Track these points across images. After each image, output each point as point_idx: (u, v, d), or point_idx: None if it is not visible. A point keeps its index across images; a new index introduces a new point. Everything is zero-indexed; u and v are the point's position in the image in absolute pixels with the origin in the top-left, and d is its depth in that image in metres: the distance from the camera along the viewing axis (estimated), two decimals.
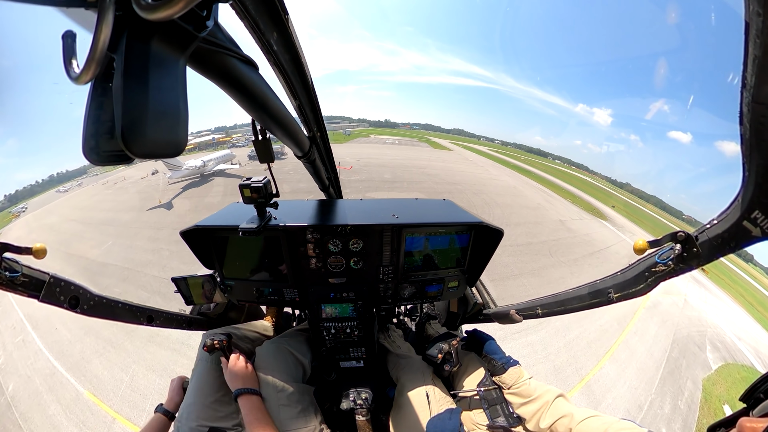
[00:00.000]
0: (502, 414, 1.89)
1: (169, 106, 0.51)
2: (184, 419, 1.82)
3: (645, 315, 15.79)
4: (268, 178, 1.74)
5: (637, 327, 14.63)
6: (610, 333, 13.71)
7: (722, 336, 16.40)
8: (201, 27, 0.53)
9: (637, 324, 14.85)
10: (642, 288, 1.33)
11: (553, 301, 1.87)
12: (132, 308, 1.88)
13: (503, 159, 79.22)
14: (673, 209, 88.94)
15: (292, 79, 1.28)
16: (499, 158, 79.04)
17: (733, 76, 8.83)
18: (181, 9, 0.38)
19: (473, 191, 35.22)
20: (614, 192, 71.48)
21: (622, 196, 69.79)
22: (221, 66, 0.79)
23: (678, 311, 17.36)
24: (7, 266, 1.16)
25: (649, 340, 13.89)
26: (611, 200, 55.15)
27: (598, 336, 13.31)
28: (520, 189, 42.91)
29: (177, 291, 2.36)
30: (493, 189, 38.88)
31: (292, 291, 2.36)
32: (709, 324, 17.22)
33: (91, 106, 0.53)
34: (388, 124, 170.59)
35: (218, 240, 2.24)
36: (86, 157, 0.55)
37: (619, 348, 12.91)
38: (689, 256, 1.13)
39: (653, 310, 16.40)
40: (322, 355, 2.44)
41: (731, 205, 0.98)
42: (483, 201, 31.35)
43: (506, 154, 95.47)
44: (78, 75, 0.46)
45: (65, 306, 1.43)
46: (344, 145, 72.37)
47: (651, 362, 12.50)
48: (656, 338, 14.14)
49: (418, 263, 2.37)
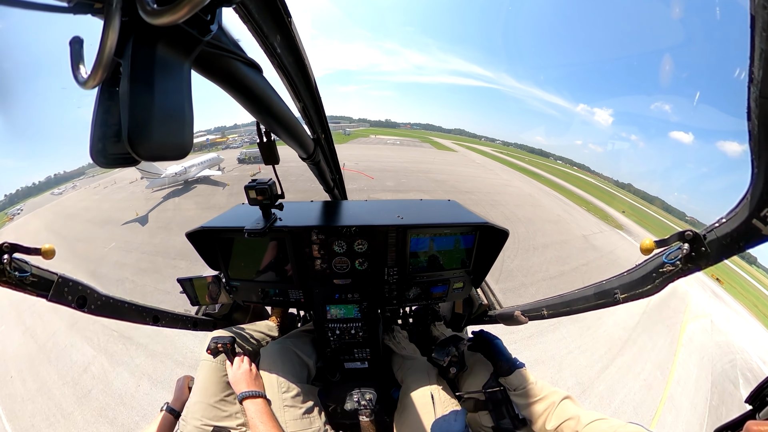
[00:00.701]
0: (508, 416, 1.87)
1: (175, 109, 0.52)
2: (188, 418, 1.84)
3: (684, 354, 15.18)
4: (273, 180, 1.75)
5: (680, 374, 13.84)
6: (654, 387, 12.74)
7: (749, 362, 16.65)
8: (205, 31, 0.54)
9: (679, 370, 14.08)
10: (649, 289, 1.31)
11: (559, 302, 1.86)
12: (138, 308, 1.91)
13: (509, 161, 76.95)
14: (676, 210, 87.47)
15: (295, 82, 1.28)
16: (505, 160, 76.83)
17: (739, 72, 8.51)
18: (186, 14, 0.39)
19: (490, 202, 32.80)
20: (617, 193, 70.03)
21: (626, 197, 68.45)
22: (226, 69, 0.80)
23: (708, 338, 17.21)
24: (16, 266, 1.18)
25: (691, 389, 13.21)
26: (620, 204, 54.07)
27: (642, 396, 12.16)
28: (536, 198, 40.32)
29: (182, 292, 2.38)
30: (510, 199, 36.21)
31: (297, 292, 2.37)
32: (737, 349, 17.42)
33: (99, 110, 0.54)
34: (389, 123, 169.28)
35: (223, 241, 2.25)
36: (93, 159, 0.56)
37: (665, 407, 11.95)
38: (697, 256, 1.11)
39: (690, 346, 15.95)
40: (327, 356, 2.44)
41: (740, 203, 0.96)
42: (503, 215, 29.00)
43: (510, 155, 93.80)
44: (86, 80, 0.47)
45: (73, 305, 1.45)
46: (343, 145, 68.76)
47: (695, 418, 11.85)
48: (697, 384, 13.56)
49: (423, 264, 2.37)
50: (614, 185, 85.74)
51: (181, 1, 0.38)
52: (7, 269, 1.15)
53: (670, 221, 58.48)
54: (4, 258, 1.13)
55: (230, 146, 70.38)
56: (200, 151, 60.95)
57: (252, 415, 1.70)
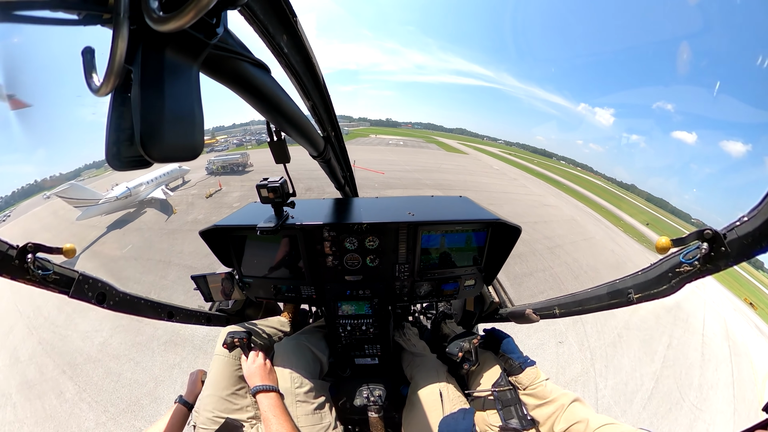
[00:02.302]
0: (516, 416, 1.86)
1: (185, 111, 0.53)
2: (201, 410, 1.89)
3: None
4: (284, 178, 1.77)
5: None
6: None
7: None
8: (211, 34, 0.55)
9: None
10: (665, 289, 1.26)
11: (571, 301, 1.82)
12: (154, 305, 1.97)
13: (524, 165, 71.31)
14: (682, 212, 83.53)
15: (304, 80, 1.29)
16: (521, 164, 70.89)
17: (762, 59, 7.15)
18: (191, 19, 0.40)
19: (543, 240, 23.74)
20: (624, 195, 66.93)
21: (634, 200, 65.53)
22: (233, 71, 0.81)
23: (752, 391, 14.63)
24: (39, 265, 1.24)
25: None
26: (642, 214, 50.68)
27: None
28: (580, 222, 32.47)
29: (196, 288, 2.44)
30: (559, 229, 28.04)
31: (309, 288, 2.40)
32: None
33: (113, 116, 0.56)
34: (390, 123, 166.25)
35: (236, 239, 2.30)
36: (109, 163, 0.58)
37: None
38: (717, 256, 1.06)
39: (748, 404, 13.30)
40: (338, 352, 2.47)
41: (763, 201, 0.90)
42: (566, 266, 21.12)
43: (518, 156, 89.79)
44: (98, 88, 0.49)
45: (93, 302, 1.50)
46: None
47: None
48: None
49: (435, 261, 2.36)
50: (618, 186, 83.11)
51: (186, 6, 0.39)
52: (31, 268, 1.20)
53: (680, 225, 54.93)
54: (29, 257, 1.18)
55: (215, 149, 63.40)
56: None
57: (265, 408, 1.73)
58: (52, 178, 79.24)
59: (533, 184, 49.01)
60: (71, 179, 50.28)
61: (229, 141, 73.58)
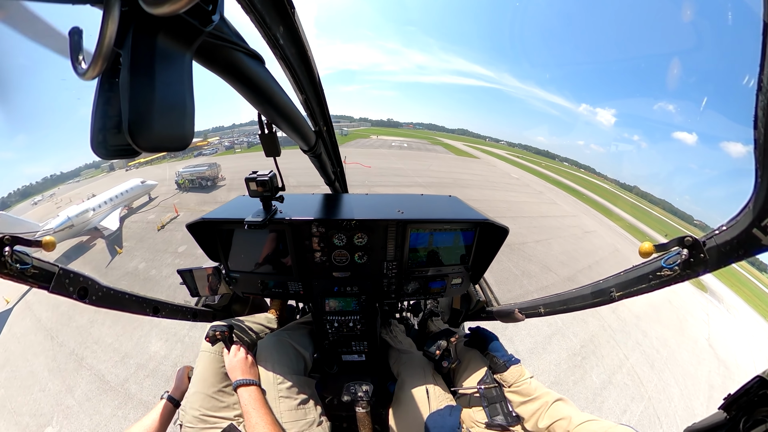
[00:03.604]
0: (501, 412, 1.89)
1: (176, 100, 0.51)
2: (187, 408, 1.85)
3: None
4: (273, 172, 1.74)
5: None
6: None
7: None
8: (207, 21, 0.54)
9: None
10: (644, 288, 1.32)
11: (556, 301, 1.86)
12: (139, 300, 1.91)
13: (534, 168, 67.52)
14: (685, 214, 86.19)
15: (298, 73, 1.27)
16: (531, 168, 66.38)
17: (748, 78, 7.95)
18: (187, 3, 0.38)
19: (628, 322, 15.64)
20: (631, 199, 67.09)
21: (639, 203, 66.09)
22: (227, 60, 0.79)
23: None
24: (18, 258, 1.18)
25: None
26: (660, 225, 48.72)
27: None
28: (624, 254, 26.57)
29: (182, 283, 2.39)
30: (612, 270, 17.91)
31: (296, 284, 2.38)
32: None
33: (99, 102, 0.54)
34: (391, 123, 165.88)
35: (224, 233, 2.26)
36: (94, 151, 0.56)
37: None
38: (696, 262, 1.11)
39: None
40: (325, 348, 2.46)
41: (741, 212, 0.95)
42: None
43: (526, 159, 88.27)
44: (85, 71, 0.46)
45: (74, 297, 1.45)
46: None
47: None
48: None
49: (423, 259, 2.37)
50: (619, 187, 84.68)
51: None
52: (9, 261, 1.14)
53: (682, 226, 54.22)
54: (6, 250, 1.13)
55: (203, 152, 58.12)
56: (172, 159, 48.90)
57: (245, 402, 1.72)
58: (53, 177, 73.98)
59: (558, 196, 43.43)
60: (71, 179, 49.61)
61: (221, 144, 67.96)
